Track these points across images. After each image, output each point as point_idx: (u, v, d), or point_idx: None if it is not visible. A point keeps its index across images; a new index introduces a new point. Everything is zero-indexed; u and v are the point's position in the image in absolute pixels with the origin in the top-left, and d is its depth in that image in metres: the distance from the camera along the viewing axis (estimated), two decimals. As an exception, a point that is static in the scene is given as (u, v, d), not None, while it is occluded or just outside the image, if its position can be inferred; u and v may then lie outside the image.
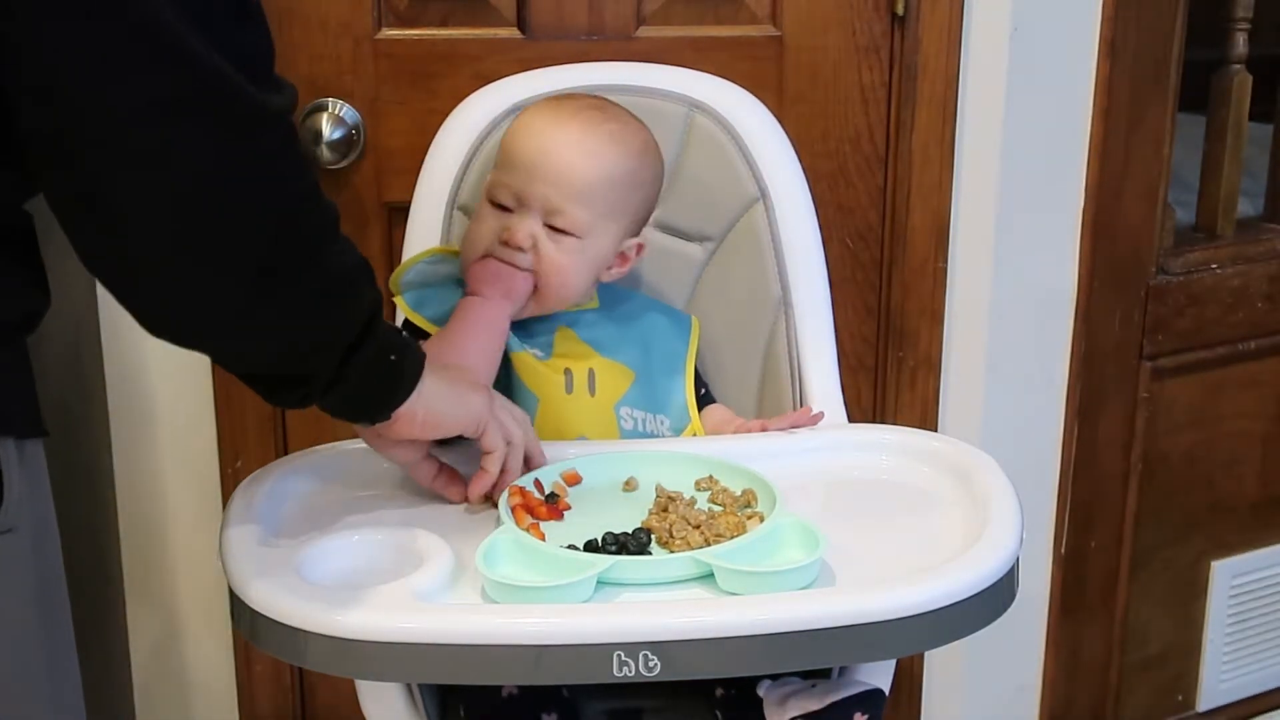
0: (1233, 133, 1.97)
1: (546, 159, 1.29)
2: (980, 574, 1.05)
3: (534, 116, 1.33)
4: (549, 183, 1.29)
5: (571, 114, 1.32)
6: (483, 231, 1.31)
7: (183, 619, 1.76)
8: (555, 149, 1.29)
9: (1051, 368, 1.87)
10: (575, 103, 1.35)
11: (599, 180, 1.30)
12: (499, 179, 1.31)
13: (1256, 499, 2.11)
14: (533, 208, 1.29)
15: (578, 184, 1.29)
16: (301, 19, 1.58)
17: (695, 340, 1.41)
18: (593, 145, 1.30)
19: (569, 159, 1.29)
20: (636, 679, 0.99)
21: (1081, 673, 2.03)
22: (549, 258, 1.30)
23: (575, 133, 1.31)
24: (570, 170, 1.29)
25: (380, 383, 1.07)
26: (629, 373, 1.35)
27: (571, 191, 1.29)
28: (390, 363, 1.06)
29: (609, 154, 1.31)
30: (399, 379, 1.08)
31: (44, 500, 1.02)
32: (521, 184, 1.29)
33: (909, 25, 1.67)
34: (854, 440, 1.31)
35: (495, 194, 1.31)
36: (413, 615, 1.01)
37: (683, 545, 1.10)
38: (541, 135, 1.30)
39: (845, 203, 1.72)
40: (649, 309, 1.40)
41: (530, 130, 1.32)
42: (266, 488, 1.20)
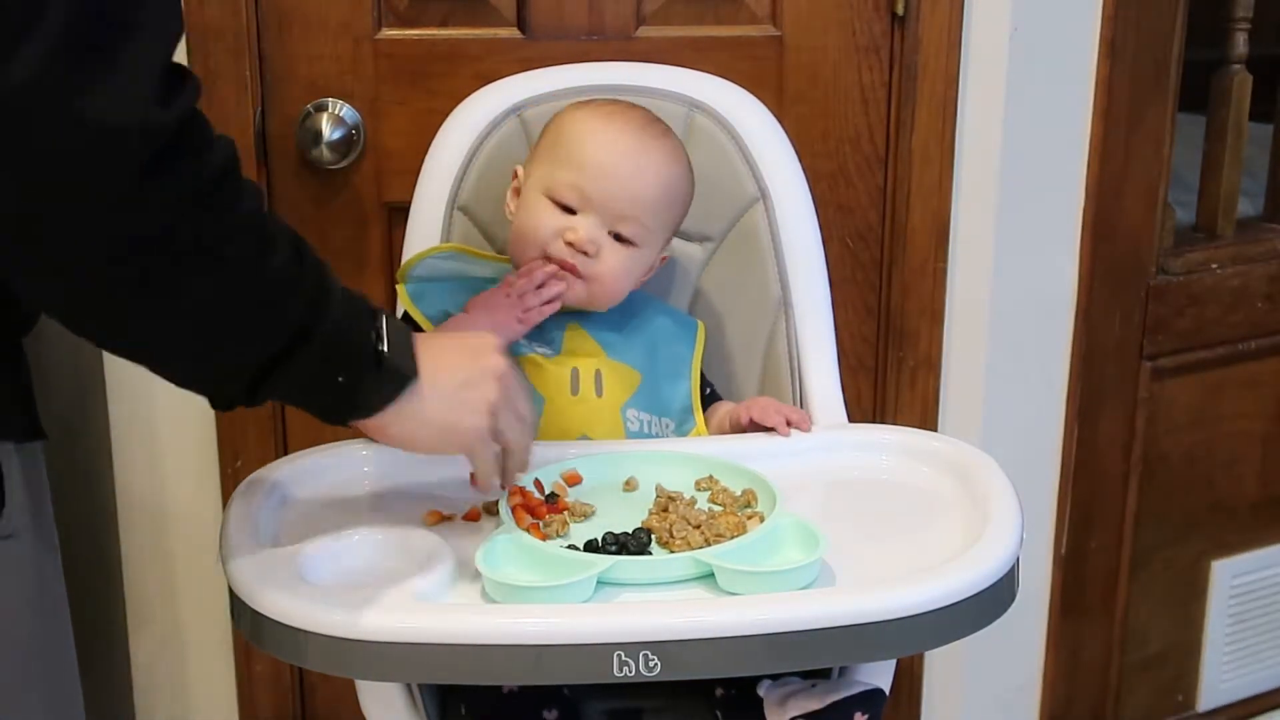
0: (1233, 133, 1.97)
1: (622, 167, 1.30)
2: (980, 574, 1.05)
3: (599, 121, 1.33)
4: (623, 192, 1.30)
5: (637, 126, 1.34)
6: (543, 224, 1.31)
7: (183, 619, 1.76)
8: (631, 158, 1.31)
9: (1051, 368, 1.87)
10: (632, 112, 1.35)
11: (664, 194, 1.33)
12: (567, 179, 1.30)
13: (1256, 499, 2.11)
14: (599, 212, 1.30)
15: (648, 195, 1.31)
16: (301, 19, 1.58)
17: (700, 345, 1.41)
18: (660, 159, 1.33)
19: (643, 169, 1.31)
20: (636, 679, 0.99)
21: (1081, 673, 2.03)
22: (608, 263, 1.31)
23: (645, 144, 1.32)
24: (644, 181, 1.31)
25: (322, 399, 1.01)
26: (635, 374, 1.35)
27: (642, 201, 1.31)
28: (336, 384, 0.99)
29: (674, 170, 1.34)
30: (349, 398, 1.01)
31: (44, 504, 1.02)
32: (593, 187, 1.29)
33: (909, 25, 1.67)
34: (854, 440, 1.31)
35: (560, 193, 1.30)
36: (413, 615, 1.01)
37: (683, 545, 1.10)
38: (615, 143, 1.31)
39: (845, 203, 1.72)
40: (657, 312, 1.40)
41: (601, 136, 1.32)
42: (266, 488, 1.20)
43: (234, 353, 0.94)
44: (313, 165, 1.61)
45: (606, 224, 1.30)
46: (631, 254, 1.32)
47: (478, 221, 1.45)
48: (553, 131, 1.36)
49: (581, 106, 1.37)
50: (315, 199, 1.63)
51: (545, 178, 1.32)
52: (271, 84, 1.59)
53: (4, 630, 0.97)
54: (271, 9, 1.57)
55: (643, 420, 1.34)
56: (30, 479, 0.98)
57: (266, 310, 0.94)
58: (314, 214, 1.63)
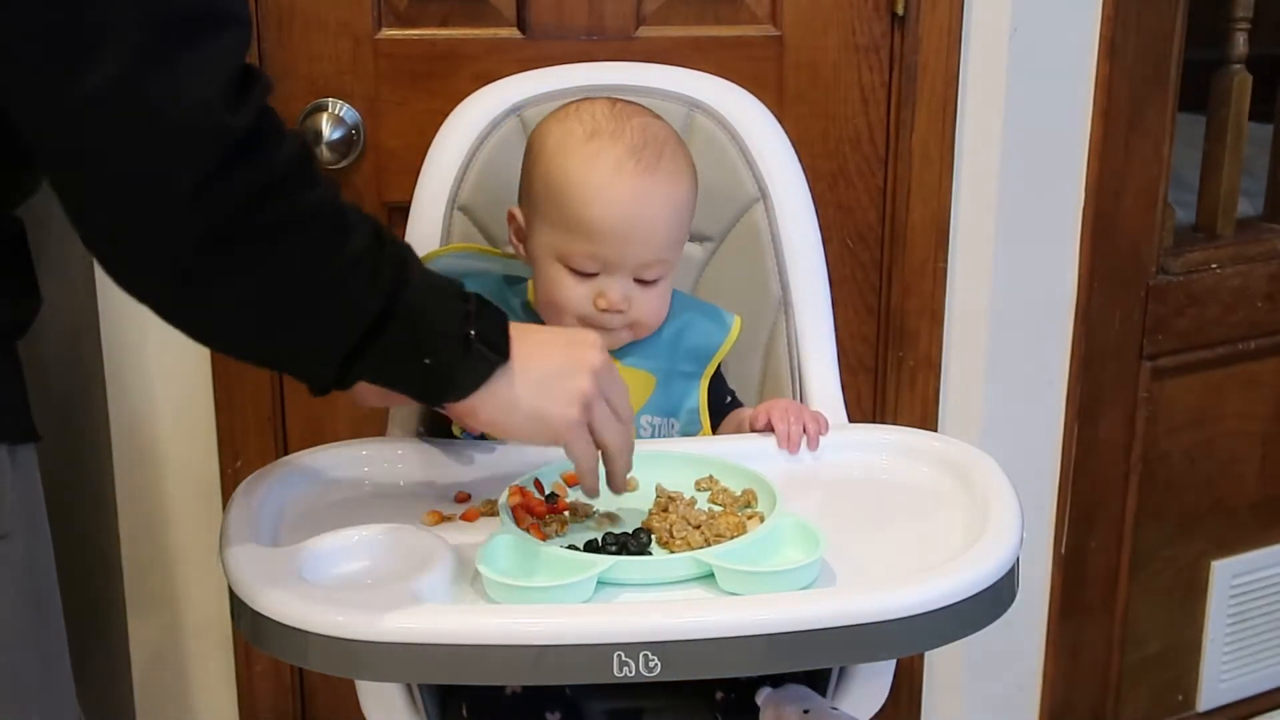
0: (1233, 133, 1.97)
1: (635, 222, 1.25)
2: (980, 574, 1.05)
3: (594, 173, 1.25)
4: (640, 245, 1.26)
5: (634, 161, 1.26)
6: (573, 298, 1.27)
7: (183, 619, 1.76)
8: (639, 213, 1.25)
9: (1051, 368, 1.87)
10: (624, 143, 1.27)
11: (679, 221, 1.29)
12: (581, 249, 1.25)
13: (1256, 499, 2.11)
14: (624, 268, 1.27)
15: (666, 237, 1.28)
16: (301, 19, 1.58)
17: (731, 340, 1.38)
18: (665, 190, 1.27)
19: (655, 218, 1.26)
20: (637, 679, 0.99)
21: (1081, 673, 2.03)
22: (645, 307, 1.29)
23: (652, 183, 1.26)
24: (656, 228, 1.27)
25: (411, 381, 1.03)
26: (650, 378, 1.34)
27: (662, 244, 1.27)
28: (423, 366, 1.01)
29: (681, 188, 1.29)
30: (439, 380, 1.03)
31: (37, 505, 1.02)
32: (611, 253, 1.25)
33: (909, 25, 1.67)
34: (854, 440, 1.31)
35: (577, 263, 1.26)
36: (413, 615, 1.01)
37: (683, 545, 1.10)
38: (620, 200, 1.25)
39: (845, 203, 1.72)
40: (684, 308, 1.37)
41: (603, 195, 1.25)
42: (266, 488, 1.20)
43: (316, 337, 0.97)
44: (313, 165, 1.61)
45: (630, 275, 1.27)
46: (662, 285, 1.30)
47: (478, 221, 1.45)
48: (543, 180, 1.28)
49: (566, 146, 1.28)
50: (315, 199, 1.63)
51: (556, 245, 1.27)
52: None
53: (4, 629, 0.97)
54: (271, 9, 1.57)
55: (654, 424, 1.34)
56: (23, 481, 0.99)
57: (345, 293, 0.96)
58: (314, 214, 1.63)
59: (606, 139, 1.27)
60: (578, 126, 1.29)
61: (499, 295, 1.32)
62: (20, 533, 0.98)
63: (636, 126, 1.28)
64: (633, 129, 1.28)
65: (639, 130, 1.28)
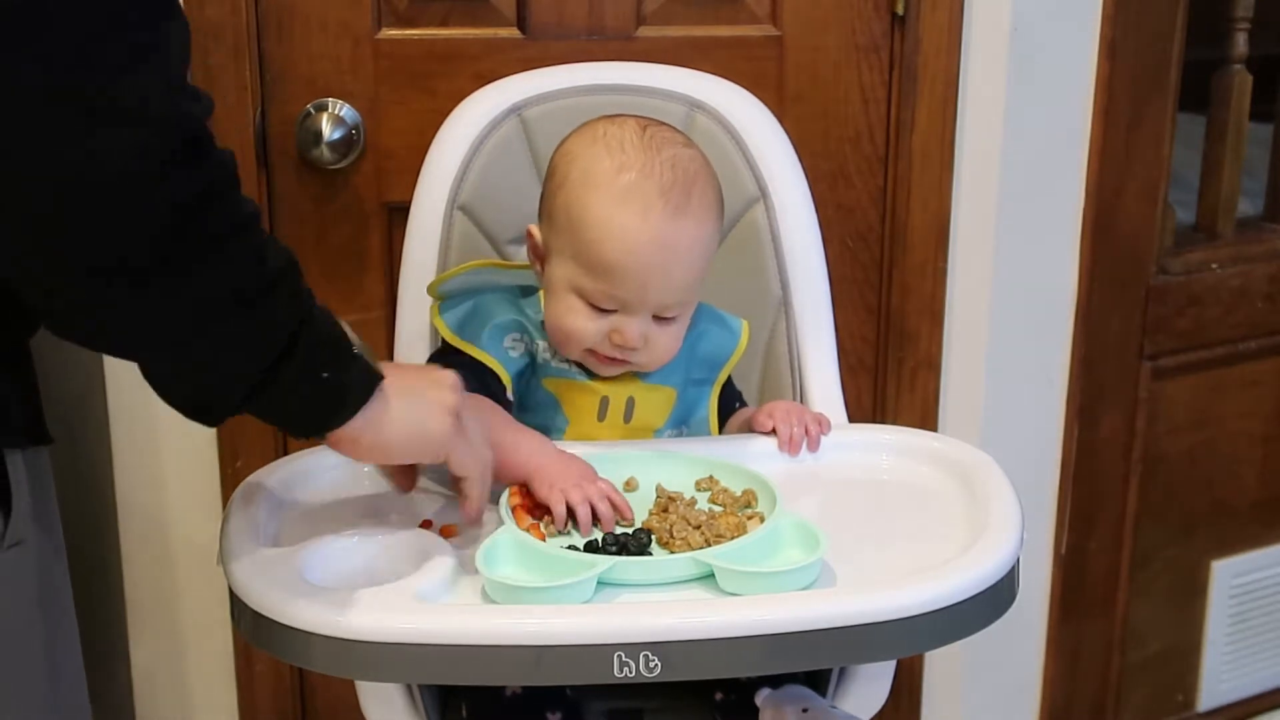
0: (1233, 133, 1.98)
1: (657, 269, 1.20)
2: (980, 574, 1.05)
3: (621, 215, 1.20)
4: (661, 289, 1.22)
5: (662, 204, 1.20)
6: (585, 330, 1.23)
7: (183, 619, 1.76)
8: (664, 259, 1.20)
9: (1051, 368, 1.87)
10: (654, 182, 1.20)
11: (703, 260, 1.25)
12: (599, 288, 1.21)
13: (1256, 499, 2.11)
14: (640, 308, 1.23)
15: (689, 279, 1.23)
16: (301, 19, 1.58)
17: (741, 348, 1.36)
18: (695, 232, 1.22)
19: (677, 263, 1.21)
20: (637, 679, 0.99)
21: (1081, 673, 2.03)
22: (660, 345, 1.25)
23: (678, 229, 1.20)
24: (680, 271, 1.22)
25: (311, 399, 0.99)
26: (671, 393, 1.32)
27: (684, 286, 1.24)
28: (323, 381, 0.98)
29: (708, 229, 1.24)
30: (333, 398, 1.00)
31: (50, 510, 1.01)
32: (633, 295, 1.21)
33: (909, 25, 1.67)
34: (854, 440, 1.31)
35: (596, 300, 1.22)
36: (413, 616, 1.01)
37: (683, 545, 1.10)
38: (645, 245, 1.19)
39: (845, 203, 1.72)
40: (702, 318, 1.34)
41: (628, 239, 1.20)
42: (266, 488, 1.19)
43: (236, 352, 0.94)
44: (313, 165, 1.61)
45: (650, 313, 1.24)
46: (678, 326, 1.27)
47: (478, 221, 1.45)
48: (565, 211, 1.23)
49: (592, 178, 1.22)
50: (315, 199, 1.63)
51: (574, 278, 1.22)
52: (271, 84, 1.59)
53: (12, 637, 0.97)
54: (271, 9, 1.57)
55: (672, 436, 1.34)
56: (36, 484, 0.97)
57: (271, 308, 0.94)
58: (314, 214, 1.63)
59: (635, 175, 1.21)
60: (605, 158, 1.22)
61: (513, 309, 1.30)
62: (33, 538, 0.97)
63: (666, 161, 1.22)
64: (662, 164, 1.22)
65: (669, 166, 1.22)
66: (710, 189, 1.25)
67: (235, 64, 1.56)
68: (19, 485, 0.95)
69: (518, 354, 1.29)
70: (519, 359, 1.28)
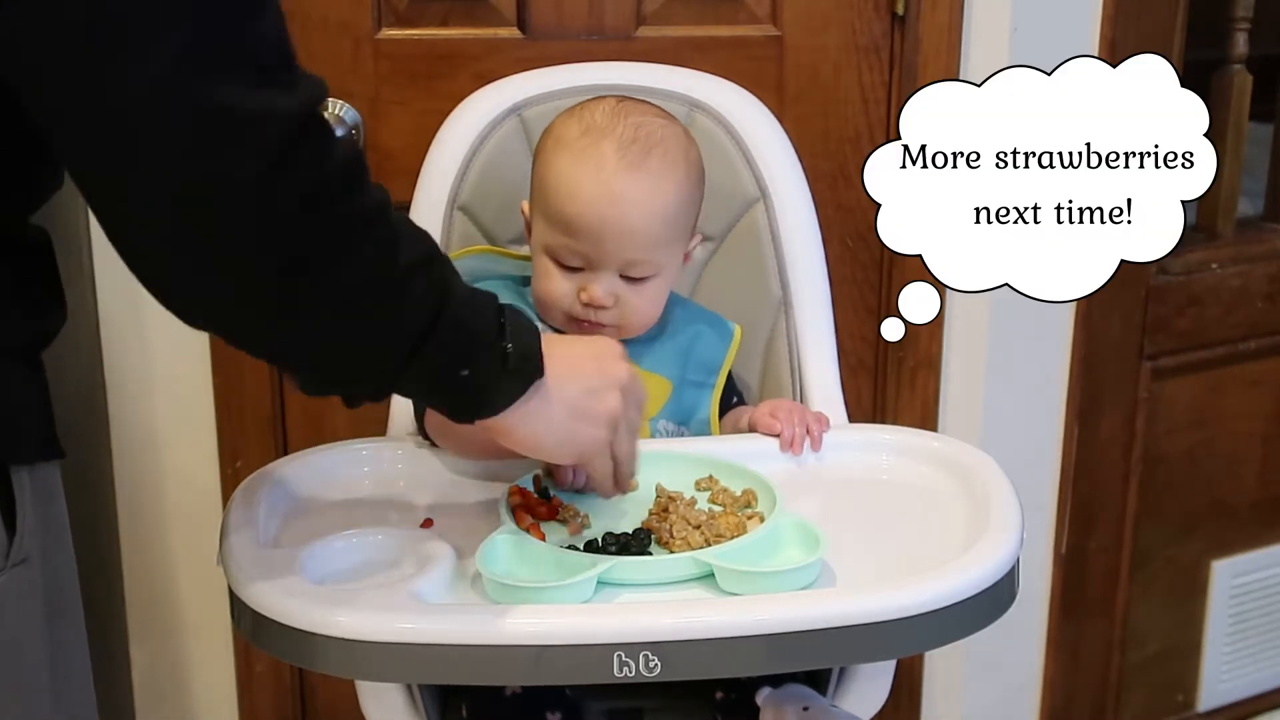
0: (1233, 133, 1.97)
1: (611, 221, 1.24)
2: (980, 574, 1.05)
3: (577, 170, 1.25)
4: (621, 242, 1.25)
5: (617, 158, 1.25)
6: (557, 292, 1.27)
7: (183, 619, 1.76)
8: (618, 208, 1.24)
9: (1051, 368, 1.87)
10: (612, 140, 1.26)
11: (666, 218, 1.27)
12: (562, 243, 1.26)
13: (1256, 499, 2.11)
14: (608, 265, 1.26)
15: (649, 236, 1.26)
16: (301, 19, 1.58)
17: (734, 351, 1.39)
18: (650, 187, 1.26)
19: (633, 218, 1.25)
20: (637, 679, 0.99)
21: (1081, 673, 2.03)
22: (632, 305, 1.28)
23: (631, 182, 1.25)
24: (638, 226, 1.25)
25: (451, 394, 1.00)
26: (666, 384, 1.34)
27: (645, 241, 1.26)
28: (462, 379, 0.98)
29: (667, 188, 1.27)
30: (475, 394, 1.00)
31: (60, 525, 0.98)
32: (590, 248, 1.25)
33: (909, 25, 1.67)
34: (854, 440, 1.31)
35: (561, 257, 1.26)
36: (413, 615, 1.01)
37: (683, 545, 1.10)
38: (598, 197, 1.24)
39: (845, 203, 1.72)
40: (695, 319, 1.37)
41: (582, 192, 1.25)
42: (266, 488, 1.19)
43: (370, 346, 0.94)
44: (313, 165, 1.61)
45: (616, 271, 1.27)
46: (652, 285, 1.29)
47: (478, 221, 1.45)
48: (538, 174, 1.30)
49: (560, 142, 1.28)
50: (315, 199, 1.63)
51: (544, 237, 1.28)
52: (271, 84, 1.59)
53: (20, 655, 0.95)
54: (271, 9, 1.57)
55: (669, 431, 1.34)
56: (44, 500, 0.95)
57: (402, 302, 0.93)
58: (314, 214, 1.63)
59: (595, 135, 1.27)
60: (575, 123, 1.29)
61: (515, 296, 1.33)
62: (38, 557, 0.94)
63: (631, 124, 1.28)
64: (626, 126, 1.27)
65: (632, 128, 1.27)
66: (675, 154, 1.28)
67: (235, 64, 1.56)
68: (24, 503, 0.93)
69: None
70: None
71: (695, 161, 1.32)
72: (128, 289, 1.65)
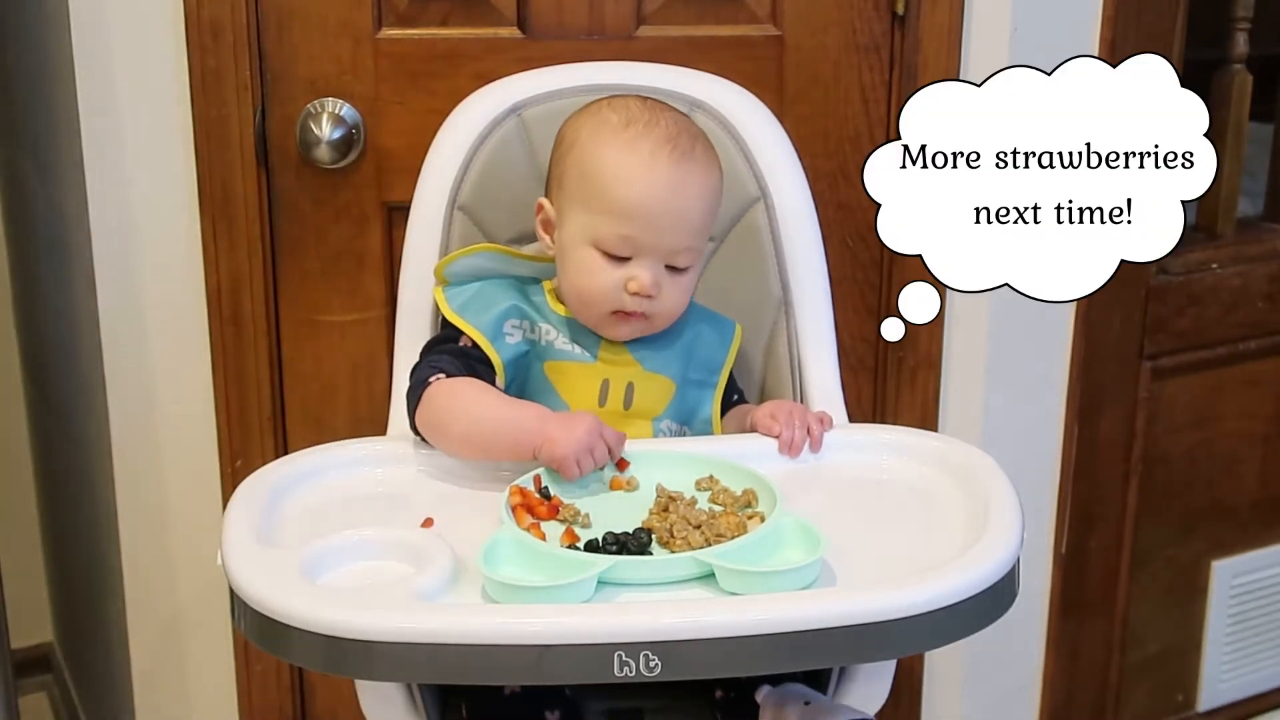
0: (1233, 133, 1.97)
1: (668, 208, 1.26)
2: (980, 574, 1.05)
3: (632, 159, 1.27)
4: (674, 229, 1.27)
5: (670, 148, 1.28)
6: (603, 284, 1.28)
7: (183, 619, 1.76)
8: (675, 193, 1.27)
9: (1051, 368, 1.87)
10: (660, 130, 1.29)
11: (709, 209, 1.31)
12: (614, 232, 1.27)
13: (1256, 499, 2.11)
14: (653, 253, 1.27)
15: (699, 223, 1.29)
16: (301, 19, 1.58)
17: (735, 349, 1.39)
18: (699, 177, 1.29)
19: (688, 205, 1.28)
20: (637, 679, 0.99)
21: (1081, 672, 2.03)
22: (670, 297, 1.30)
23: (685, 170, 1.28)
24: (691, 214, 1.28)
25: None
26: (670, 384, 1.34)
27: (695, 230, 1.29)
28: None
29: (714, 177, 1.31)
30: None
31: None
32: (646, 236, 1.26)
33: (909, 25, 1.67)
34: (854, 440, 1.31)
35: (611, 246, 1.27)
36: (413, 615, 1.01)
37: (683, 545, 1.10)
38: (658, 183, 1.27)
39: (845, 202, 1.72)
40: (698, 319, 1.38)
41: (640, 178, 1.27)
42: (266, 488, 1.20)
43: None
44: (313, 165, 1.61)
45: (662, 260, 1.28)
46: (688, 276, 1.31)
47: (478, 221, 1.45)
48: (577, 167, 1.30)
49: (601, 134, 1.30)
50: (315, 199, 1.63)
51: (589, 229, 1.28)
52: (271, 83, 1.59)
53: None
54: (271, 8, 1.57)
55: (672, 431, 1.34)
56: None
57: None
58: (314, 214, 1.63)
59: (642, 127, 1.29)
60: (613, 116, 1.31)
61: (520, 297, 1.32)
62: None
63: (669, 119, 1.31)
64: (667, 120, 1.31)
65: (672, 123, 1.31)
66: (711, 149, 1.33)
67: (235, 64, 1.56)
68: None
69: (515, 340, 1.30)
70: (516, 345, 1.29)
71: (720, 166, 1.35)
72: (128, 289, 1.66)
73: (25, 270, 2.00)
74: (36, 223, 1.88)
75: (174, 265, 1.62)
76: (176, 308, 1.64)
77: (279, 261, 1.64)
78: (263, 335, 1.65)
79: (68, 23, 1.54)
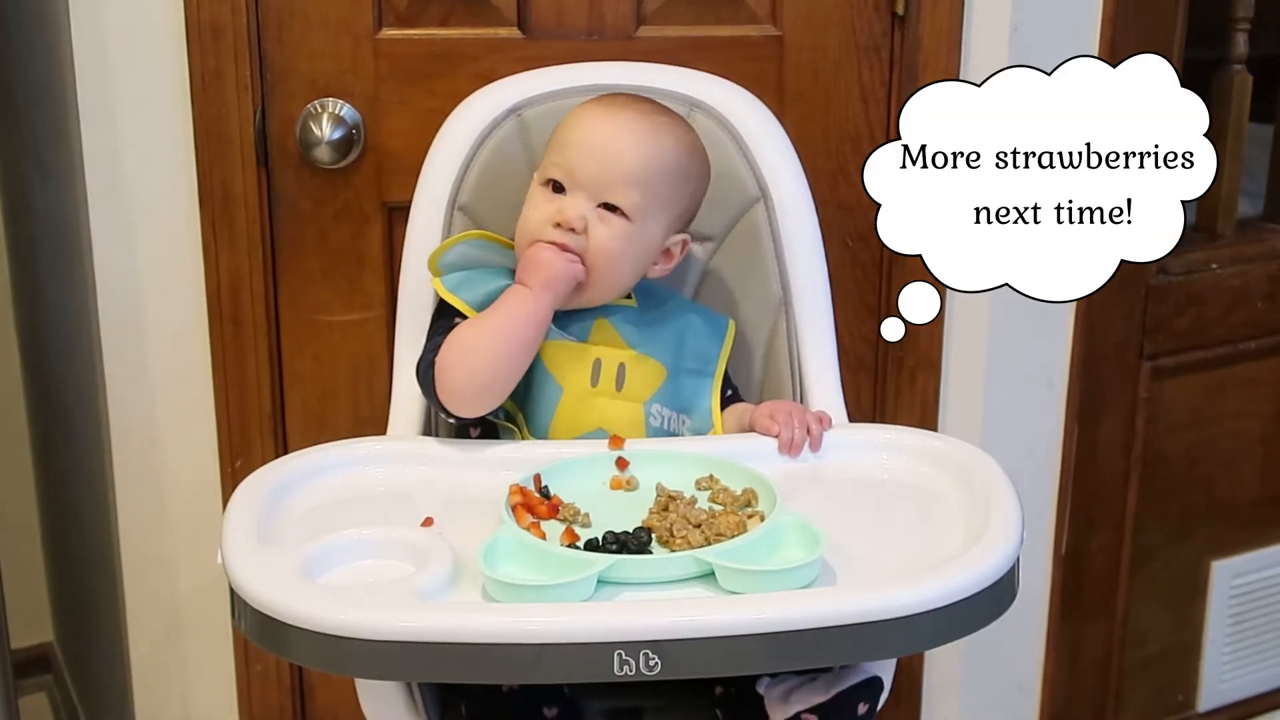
0: (1233, 133, 1.98)
1: (600, 139, 1.32)
2: (980, 574, 1.05)
3: (589, 107, 1.37)
4: (602, 163, 1.31)
5: (625, 104, 1.36)
6: (535, 216, 1.33)
7: (183, 619, 1.76)
8: (609, 131, 1.33)
9: (1051, 368, 1.87)
10: (629, 98, 1.38)
11: (650, 165, 1.33)
12: (551, 158, 1.34)
13: (1256, 499, 2.11)
14: (585, 188, 1.31)
15: (630, 165, 1.32)
16: (301, 19, 1.58)
17: (729, 343, 1.40)
18: (646, 131, 1.33)
19: (622, 141, 1.32)
20: (637, 678, 0.99)
21: (1081, 673, 2.03)
22: (599, 241, 1.31)
23: (629, 120, 1.34)
24: (623, 151, 1.32)
25: None
26: (661, 369, 1.35)
27: (624, 172, 1.31)
28: None
29: (661, 142, 1.34)
30: None
31: None
32: (574, 162, 1.31)
33: (909, 25, 1.67)
34: (854, 440, 1.31)
35: (547, 171, 1.33)
36: (413, 614, 1.01)
37: (683, 544, 1.10)
38: (595, 120, 1.34)
39: (845, 203, 1.72)
40: (687, 310, 1.40)
41: (585, 117, 1.35)
42: (266, 488, 1.20)
43: None
44: (313, 165, 1.61)
45: (594, 198, 1.31)
46: (624, 229, 1.32)
47: (478, 221, 1.45)
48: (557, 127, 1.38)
49: (582, 107, 1.38)
50: (315, 199, 1.63)
51: (541, 164, 1.36)
52: (271, 83, 1.59)
53: None
54: (271, 8, 1.57)
55: (665, 416, 1.34)
56: None
57: None
58: (314, 214, 1.63)
59: (625, 99, 1.38)
60: (594, 101, 1.38)
61: (510, 279, 1.34)
62: None
63: (656, 106, 1.37)
64: (652, 104, 1.37)
65: (656, 107, 1.37)
66: (689, 135, 1.38)
67: (235, 64, 1.56)
68: None
69: None
70: None
71: (702, 157, 1.38)
72: (128, 289, 1.66)
73: (25, 270, 2.00)
74: (36, 223, 1.88)
75: (174, 265, 1.62)
76: (176, 308, 1.64)
77: (279, 261, 1.64)
78: (263, 335, 1.65)
79: (68, 23, 1.54)
